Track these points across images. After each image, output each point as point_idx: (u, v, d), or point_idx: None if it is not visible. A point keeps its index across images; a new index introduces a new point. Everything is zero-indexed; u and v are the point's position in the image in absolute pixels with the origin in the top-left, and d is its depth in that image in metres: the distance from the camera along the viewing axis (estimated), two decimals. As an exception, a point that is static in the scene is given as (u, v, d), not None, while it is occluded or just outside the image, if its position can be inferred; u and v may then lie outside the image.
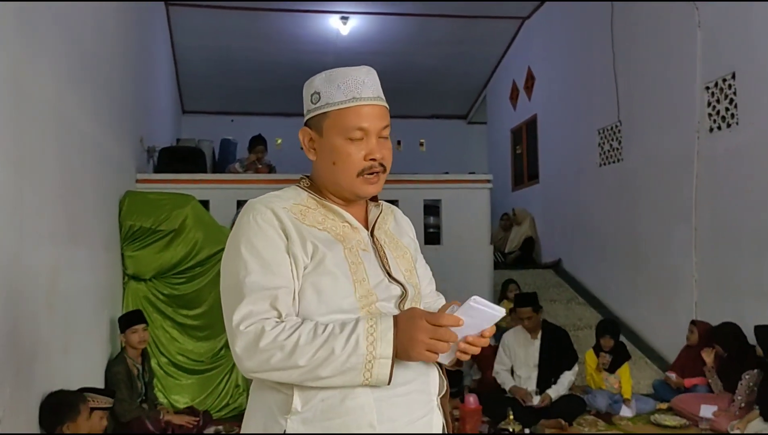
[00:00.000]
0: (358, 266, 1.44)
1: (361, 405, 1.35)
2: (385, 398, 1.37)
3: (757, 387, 4.75)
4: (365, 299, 1.42)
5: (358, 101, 1.47)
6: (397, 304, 1.48)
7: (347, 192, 1.50)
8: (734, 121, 5.76)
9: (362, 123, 1.47)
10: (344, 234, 1.48)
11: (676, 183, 6.48)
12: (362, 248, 1.48)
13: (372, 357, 1.31)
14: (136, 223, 5.38)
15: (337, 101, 1.47)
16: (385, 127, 1.52)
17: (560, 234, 9.28)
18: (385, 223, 1.61)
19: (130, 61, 6.26)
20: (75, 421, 3.26)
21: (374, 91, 1.51)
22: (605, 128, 7.94)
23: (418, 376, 1.43)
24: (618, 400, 5.44)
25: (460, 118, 13.93)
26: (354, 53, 9.96)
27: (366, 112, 1.48)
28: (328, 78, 1.50)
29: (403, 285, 1.50)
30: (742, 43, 5.65)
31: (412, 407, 1.41)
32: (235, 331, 1.34)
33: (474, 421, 4.85)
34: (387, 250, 1.54)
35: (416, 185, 7.53)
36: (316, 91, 1.51)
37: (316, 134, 1.52)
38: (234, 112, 12.45)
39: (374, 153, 1.48)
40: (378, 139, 1.50)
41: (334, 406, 1.35)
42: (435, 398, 1.47)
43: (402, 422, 1.38)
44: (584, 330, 7.14)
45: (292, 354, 1.30)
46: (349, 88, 1.48)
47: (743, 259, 5.63)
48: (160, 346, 5.37)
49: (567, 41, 9.07)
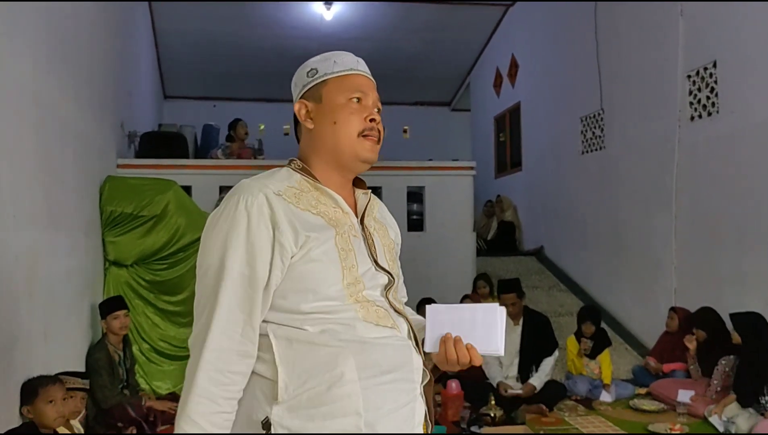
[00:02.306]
0: (348, 253, 1.43)
1: (348, 393, 1.34)
2: (372, 386, 1.37)
3: (733, 372, 4.83)
4: (353, 287, 1.41)
5: (356, 71, 1.54)
6: (383, 292, 1.48)
7: (348, 156, 1.50)
8: (715, 109, 5.81)
9: (361, 87, 1.52)
10: (337, 218, 1.47)
11: (657, 171, 6.54)
12: (353, 234, 1.47)
13: None
14: (117, 209, 5.34)
15: (336, 70, 1.52)
16: (378, 101, 1.56)
17: (542, 221, 9.34)
18: (373, 211, 1.61)
19: (110, 45, 6.18)
20: (32, 404, 3.22)
21: (367, 70, 1.58)
22: (588, 116, 7.98)
23: (403, 364, 1.43)
24: (598, 385, 5.51)
25: (443, 105, 13.93)
26: (337, 39, 9.90)
27: (363, 80, 1.54)
28: (323, 57, 1.56)
29: (389, 273, 1.50)
30: (723, 32, 5.70)
31: (397, 395, 1.41)
32: (206, 339, 1.36)
33: (456, 407, 4.89)
34: (376, 238, 1.54)
35: (399, 172, 7.54)
36: (312, 68, 1.55)
37: (313, 104, 1.53)
38: (216, 97, 12.34)
39: (373, 115, 1.51)
40: (374, 108, 1.54)
41: (320, 394, 1.34)
42: (418, 386, 1.48)
43: (386, 410, 1.38)
44: (566, 317, 7.20)
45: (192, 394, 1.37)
46: (344, 63, 1.54)
47: (722, 247, 5.70)
48: (141, 333, 5.34)
49: (551, 28, 9.08)
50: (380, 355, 1.39)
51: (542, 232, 9.33)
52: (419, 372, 1.47)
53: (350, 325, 1.39)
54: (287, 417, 1.34)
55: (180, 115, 10.90)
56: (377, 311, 1.43)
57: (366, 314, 1.41)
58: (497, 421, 4.59)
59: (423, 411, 1.48)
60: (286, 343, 1.37)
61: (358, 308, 1.41)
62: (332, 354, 1.36)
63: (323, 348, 1.36)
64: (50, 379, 3.37)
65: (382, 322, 1.43)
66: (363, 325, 1.40)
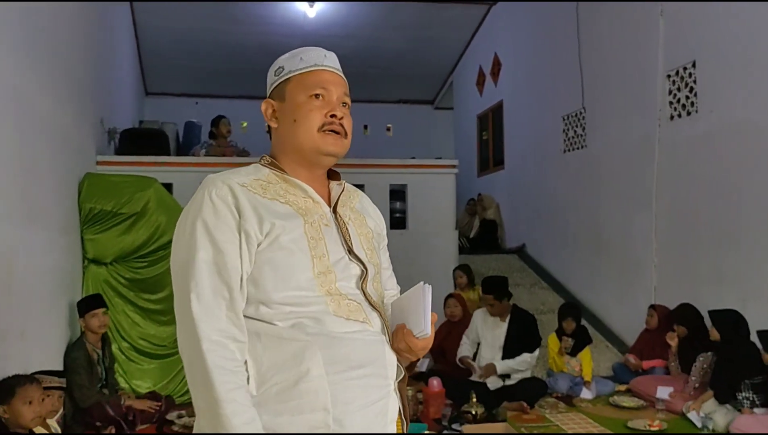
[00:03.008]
0: (318, 242, 1.43)
1: (315, 388, 1.34)
2: (340, 381, 1.36)
3: (711, 368, 4.88)
4: (324, 277, 1.40)
5: (320, 67, 1.53)
6: (358, 284, 1.47)
7: (309, 150, 1.49)
8: (694, 109, 5.87)
9: (323, 83, 1.51)
10: (306, 208, 1.47)
11: (638, 170, 6.59)
12: (324, 223, 1.47)
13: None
14: (96, 206, 5.28)
15: (300, 67, 1.53)
16: (346, 95, 1.55)
17: (524, 219, 9.38)
18: (350, 201, 1.60)
19: (90, 40, 6.11)
20: (9, 404, 3.17)
21: (335, 64, 1.56)
22: (569, 115, 8.02)
23: (374, 359, 1.42)
24: (579, 382, 5.54)
25: (427, 103, 13.94)
26: (321, 36, 9.87)
27: (327, 76, 1.53)
28: (292, 54, 1.57)
29: (363, 263, 1.50)
30: (702, 32, 5.75)
31: (368, 391, 1.40)
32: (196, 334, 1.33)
33: (437, 404, 4.90)
34: (350, 227, 1.53)
35: (382, 170, 7.54)
36: (280, 66, 1.56)
37: (278, 102, 1.54)
38: (199, 94, 12.26)
39: (335, 109, 1.50)
40: (339, 103, 1.52)
41: (288, 389, 1.34)
42: (392, 383, 1.47)
43: (356, 405, 1.37)
44: (547, 314, 7.24)
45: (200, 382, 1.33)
46: (311, 59, 1.54)
47: (701, 245, 5.76)
48: (121, 331, 5.30)
49: (533, 28, 9.11)
50: (350, 350, 1.38)
51: (524, 230, 9.36)
52: (393, 368, 1.47)
53: (319, 320, 1.38)
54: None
55: (162, 111, 10.82)
56: (349, 305, 1.42)
57: (337, 308, 1.40)
58: (478, 419, 4.60)
59: (397, 407, 1.47)
60: (255, 337, 1.36)
61: (329, 301, 1.40)
62: (300, 348, 1.35)
63: (291, 342, 1.36)
64: (27, 378, 3.33)
65: (353, 317, 1.42)
66: (332, 320, 1.39)
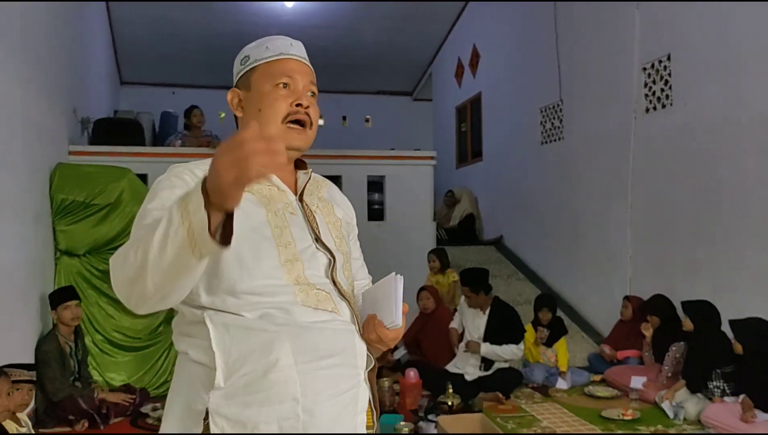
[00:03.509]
0: (284, 230, 1.41)
1: (284, 379, 1.32)
2: (310, 371, 1.34)
3: (683, 358, 4.95)
4: (290, 265, 1.39)
5: (285, 55, 1.52)
6: (327, 272, 1.46)
7: None
8: (669, 102, 5.92)
9: (289, 72, 1.50)
10: (270, 196, 1.45)
11: (614, 162, 6.63)
12: (290, 212, 1.46)
13: (186, 212, 1.13)
14: (68, 197, 5.21)
15: (266, 56, 1.52)
16: (312, 83, 1.54)
17: (502, 211, 9.42)
18: (318, 190, 1.59)
19: (61, 27, 6.00)
20: None
21: (301, 53, 1.56)
22: (547, 107, 8.05)
23: (344, 349, 1.41)
24: (554, 373, 5.59)
25: (405, 94, 13.93)
26: (299, 27, 9.80)
27: (293, 65, 1.52)
28: (258, 43, 1.56)
29: (331, 251, 1.48)
30: (677, 25, 5.79)
31: (338, 380, 1.39)
32: None
33: (414, 395, 4.92)
34: (318, 216, 1.52)
35: (360, 161, 7.52)
36: (246, 55, 1.55)
37: (244, 91, 1.54)
38: (176, 84, 12.12)
39: (301, 99, 1.49)
40: (305, 93, 1.51)
41: (256, 380, 1.32)
42: (362, 372, 1.46)
43: (326, 395, 1.36)
44: (524, 305, 7.27)
45: (127, 255, 1.21)
46: (277, 47, 1.53)
47: (675, 237, 5.82)
48: (95, 323, 5.24)
49: (511, 20, 9.12)
50: (319, 340, 1.37)
51: (502, 221, 9.41)
52: (363, 357, 1.45)
53: (288, 309, 1.36)
54: (224, 404, 1.31)
55: (138, 101, 10.69)
56: (318, 295, 1.41)
57: (305, 298, 1.39)
58: (454, 409, 4.62)
59: (367, 397, 1.46)
60: (223, 328, 1.34)
61: (298, 291, 1.38)
62: (268, 339, 1.33)
63: (260, 333, 1.34)
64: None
65: (321, 306, 1.40)
66: (301, 309, 1.37)
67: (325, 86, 1.75)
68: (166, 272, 1.17)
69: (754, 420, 4.10)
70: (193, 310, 1.37)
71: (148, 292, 1.21)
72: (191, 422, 1.35)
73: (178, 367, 1.45)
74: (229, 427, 1.30)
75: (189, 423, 1.35)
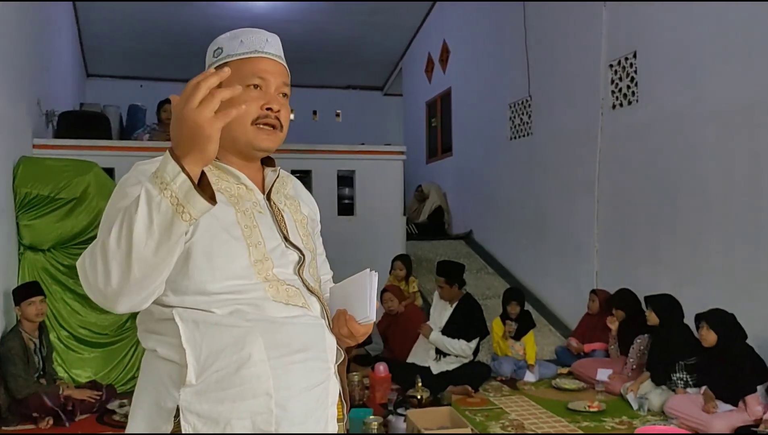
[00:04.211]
0: (253, 229, 1.41)
1: (257, 374, 1.32)
2: (282, 366, 1.34)
3: (647, 350, 5.04)
4: (261, 264, 1.38)
5: (259, 54, 1.47)
6: (295, 269, 1.46)
7: (242, 143, 1.46)
8: (635, 98, 6.02)
9: (260, 72, 1.46)
10: (239, 195, 1.44)
11: (581, 157, 6.72)
12: (258, 211, 1.45)
13: (163, 183, 1.13)
14: (32, 191, 5.12)
15: (238, 52, 1.47)
16: (285, 84, 1.50)
17: (472, 205, 9.48)
18: (284, 187, 1.58)
19: (25, 18, 5.88)
20: None
21: (276, 50, 1.51)
22: (516, 103, 8.12)
23: (315, 343, 1.42)
24: (523, 366, 5.65)
25: (376, 89, 13.92)
26: (269, 20, 9.73)
27: (266, 65, 1.47)
28: (232, 34, 1.50)
29: (300, 250, 1.49)
30: (643, 23, 5.89)
31: (309, 374, 1.39)
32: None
33: (383, 389, 4.93)
34: (285, 214, 1.52)
35: (330, 156, 7.51)
36: (219, 47, 1.50)
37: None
38: (143, 77, 11.95)
39: (271, 102, 1.45)
40: (276, 94, 1.48)
41: (229, 376, 1.31)
42: (332, 366, 1.47)
43: (298, 389, 1.36)
44: (492, 299, 7.34)
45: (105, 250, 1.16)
46: (251, 43, 1.48)
47: (640, 230, 5.93)
48: (60, 319, 5.16)
49: (481, 15, 9.17)
50: (290, 335, 1.37)
51: (471, 216, 9.47)
52: (332, 351, 1.46)
53: (259, 305, 1.36)
54: (195, 401, 1.30)
55: (104, 94, 10.49)
56: (287, 290, 1.41)
57: (275, 294, 1.39)
58: (423, 403, 4.65)
59: (337, 390, 1.48)
60: (193, 325, 1.33)
61: (267, 287, 1.38)
62: (240, 334, 1.33)
63: (231, 329, 1.33)
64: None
65: (292, 302, 1.40)
66: (272, 305, 1.37)
67: (296, 80, 1.72)
68: (155, 252, 1.15)
69: (716, 410, 4.21)
70: (161, 307, 1.35)
71: (133, 282, 1.17)
72: (160, 420, 1.33)
73: (145, 364, 1.43)
74: (201, 424, 1.30)
75: (158, 421, 1.34)
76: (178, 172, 1.13)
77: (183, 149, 1.14)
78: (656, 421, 4.44)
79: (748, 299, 4.74)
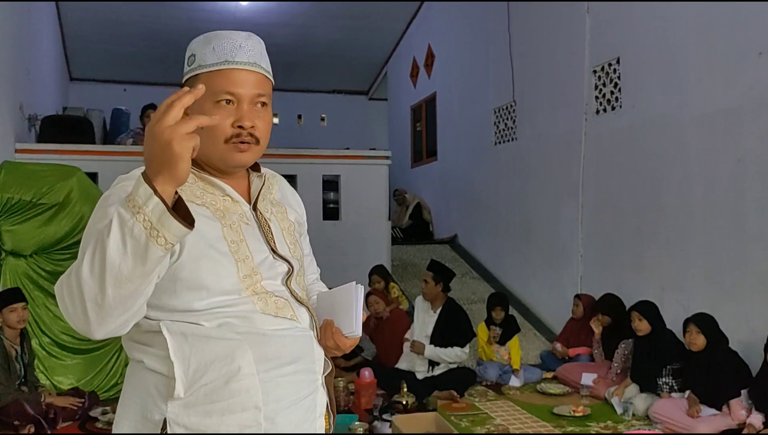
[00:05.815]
0: (240, 244, 1.38)
1: (246, 387, 1.31)
2: (272, 379, 1.34)
3: (632, 355, 5.07)
4: (249, 279, 1.36)
5: (230, 65, 1.38)
6: (283, 280, 1.44)
7: (218, 161, 1.41)
8: (618, 104, 6.06)
9: (231, 87, 1.38)
10: (224, 208, 1.41)
11: (565, 162, 6.76)
12: (245, 222, 1.42)
13: (135, 206, 1.09)
14: (14, 196, 5.04)
15: (209, 63, 1.39)
16: (261, 95, 1.41)
17: (456, 210, 9.50)
18: (270, 193, 1.54)
19: (6, 21, 5.82)
20: None
21: (251, 57, 1.41)
22: (501, 108, 8.15)
23: (303, 355, 1.41)
24: (508, 370, 5.66)
25: (361, 93, 13.93)
26: (253, 24, 9.70)
27: (237, 77, 1.38)
28: (206, 39, 1.43)
29: (288, 261, 1.46)
30: (625, 29, 5.94)
31: (298, 387, 1.39)
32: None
33: (369, 394, 4.92)
34: (272, 224, 1.49)
35: (315, 160, 7.51)
36: (192, 54, 1.43)
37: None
38: (127, 81, 11.89)
39: (243, 120, 1.37)
40: (252, 107, 1.40)
41: (217, 389, 1.30)
42: (320, 377, 1.46)
43: (287, 402, 1.36)
44: (477, 304, 7.35)
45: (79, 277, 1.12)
46: (223, 51, 1.39)
47: (623, 236, 5.97)
48: (42, 326, 5.09)
49: (466, 20, 9.21)
50: (280, 347, 1.36)
51: (456, 220, 9.49)
52: (320, 362, 1.46)
53: (248, 318, 1.34)
54: (183, 414, 1.29)
55: (88, 98, 10.42)
56: (276, 302, 1.39)
57: (264, 306, 1.37)
58: (409, 408, 4.65)
59: (325, 401, 1.47)
60: (182, 338, 1.31)
61: (256, 300, 1.36)
62: (229, 347, 1.31)
63: (220, 341, 1.31)
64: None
65: (281, 314, 1.39)
66: (261, 318, 1.36)
67: (280, 84, 1.67)
68: (130, 279, 1.11)
69: (699, 415, 4.24)
70: (148, 320, 1.32)
71: (108, 309, 1.13)
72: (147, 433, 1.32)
73: (130, 374, 1.41)
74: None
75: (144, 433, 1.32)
76: (150, 195, 1.09)
77: (154, 168, 1.11)
78: (641, 425, 4.47)
79: (732, 304, 4.79)
